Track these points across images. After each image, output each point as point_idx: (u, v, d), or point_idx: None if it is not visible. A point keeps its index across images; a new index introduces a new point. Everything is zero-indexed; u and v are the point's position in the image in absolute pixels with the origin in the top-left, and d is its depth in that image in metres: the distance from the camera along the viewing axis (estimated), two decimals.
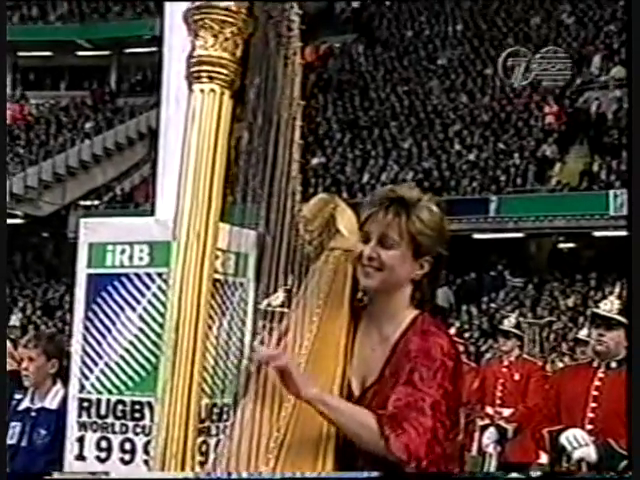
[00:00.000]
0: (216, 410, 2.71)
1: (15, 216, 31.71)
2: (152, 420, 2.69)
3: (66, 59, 37.12)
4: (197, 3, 2.28)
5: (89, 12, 36.97)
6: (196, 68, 2.24)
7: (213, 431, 2.68)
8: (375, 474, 2.45)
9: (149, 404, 3.62)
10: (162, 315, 3.44)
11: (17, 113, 35.08)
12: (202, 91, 2.22)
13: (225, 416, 2.69)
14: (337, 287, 2.73)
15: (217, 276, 3.78)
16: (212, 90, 2.21)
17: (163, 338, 2.17)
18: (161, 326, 3.33)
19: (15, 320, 28.10)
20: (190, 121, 2.21)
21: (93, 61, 36.96)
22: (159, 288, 3.68)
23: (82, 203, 31.87)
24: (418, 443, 2.40)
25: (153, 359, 3.68)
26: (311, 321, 2.66)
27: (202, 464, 2.39)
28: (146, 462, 3.59)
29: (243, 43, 2.29)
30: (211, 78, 2.22)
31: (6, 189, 24.96)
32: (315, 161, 29.40)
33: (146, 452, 3.61)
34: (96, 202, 31.67)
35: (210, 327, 2.43)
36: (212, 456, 2.54)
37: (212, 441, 2.64)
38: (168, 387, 2.10)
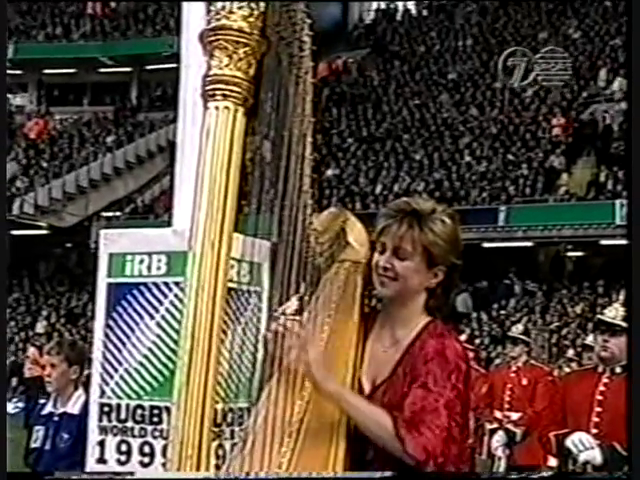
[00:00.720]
0: (231, 414, 2.72)
1: (40, 227, 31.84)
2: (169, 424, 2.71)
3: (89, 76, 37.24)
4: (212, 24, 2.32)
5: (111, 30, 37.14)
6: (211, 87, 2.27)
7: (228, 434, 2.69)
8: (388, 474, 2.47)
9: (167, 409, 3.64)
10: (179, 323, 3.46)
11: (42, 128, 35.25)
12: (217, 108, 2.25)
13: (240, 420, 2.71)
14: (347, 297, 2.75)
15: (232, 285, 3.81)
16: (226, 107, 2.25)
17: (179, 345, 2.19)
18: (178, 333, 3.36)
19: (40, 328, 28.21)
20: (205, 136, 2.24)
21: (115, 77, 37.06)
22: (176, 297, 3.69)
23: (104, 214, 31.93)
24: (435, 443, 2.43)
25: (171, 365, 3.70)
26: (322, 330, 2.68)
27: (218, 467, 2.41)
28: (164, 465, 3.60)
29: (256, 62, 2.32)
30: (225, 96, 2.25)
31: (6, 189, 24.98)
32: (329, 172, 29.45)
33: (164, 455, 3.63)
34: (118, 213, 31.74)
35: (225, 333, 2.46)
36: (228, 458, 2.56)
37: (228, 444, 2.66)
38: (184, 392, 2.13)
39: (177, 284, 3.75)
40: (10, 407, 21.15)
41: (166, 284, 3.86)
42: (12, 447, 5.42)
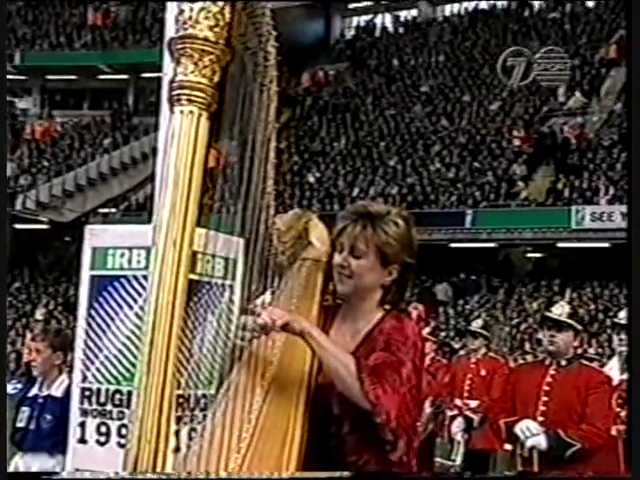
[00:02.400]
0: (193, 400, 2.68)
1: (40, 222, 31.70)
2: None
3: (88, 82, 37.09)
4: (180, 33, 2.27)
5: (110, 40, 36.99)
6: (177, 92, 2.23)
7: (188, 420, 2.65)
8: (347, 474, 2.43)
9: None
10: None
11: (45, 129, 35.10)
12: (182, 112, 2.21)
13: (201, 406, 2.67)
14: (308, 293, 2.72)
15: (206, 278, 3.77)
16: (190, 112, 2.20)
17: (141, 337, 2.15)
18: None
19: (39, 315, 28.06)
20: (170, 139, 2.20)
21: (112, 84, 36.92)
22: None
23: (100, 211, 31.81)
24: (390, 400, 2.40)
25: None
26: None
27: (177, 450, 2.37)
28: (122, 445, 3.56)
29: (221, 70, 2.27)
30: (190, 101, 2.21)
31: (6, 187, 24.83)
32: (311, 176, 29.45)
33: None
34: (113, 210, 31.61)
35: (187, 326, 2.41)
36: (186, 442, 2.52)
37: (185, 428, 2.62)
38: (144, 380, 2.08)
39: None
40: (10, 388, 21.06)
41: (145, 277, 3.82)
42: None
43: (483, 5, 36.01)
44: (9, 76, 36.68)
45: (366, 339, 2.58)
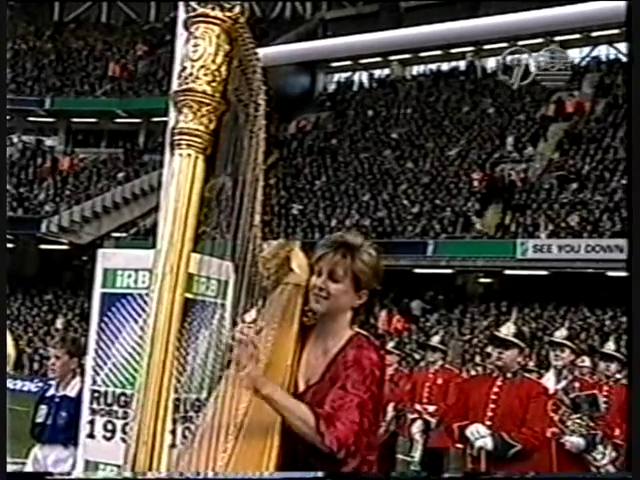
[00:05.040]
0: (188, 403, 2.64)
1: (62, 243, 31.54)
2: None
3: (107, 124, 37.01)
4: (182, 87, 2.26)
5: (126, 89, 37.00)
6: (177, 137, 2.21)
7: (182, 420, 2.61)
8: (320, 474, 2.40)
9: None
10: None
11: (69, 163, 35.02)
12: (181, 155, 2.19)
13: (194, 408, 2.63)
14: (289, 314, 2.68)
15: (200, 297, 3.74)
16: (189, 154, 2.18)
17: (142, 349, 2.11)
18: None
19: (59, 323, 27.85)
20: (170, 177, 2.18)
21: (127, 126, 36.86)
22: None
23: (113, 235, 31.68)
24: (346, 435, 2.37)
25: None
26: (267, 340, 2.61)
27: (173, 446, 2.33)
28: (124, 440, 3.51)
29: (216, 119, 2.25)
30: (189, 145, 2.19)
31: (6, 190, 24.60)
32: (295, 208, 29.45)
33: None
34: (124, 234, 31.47)
35: (183, 338, 2.37)
36: (180, 439, 2.48)
37: (180, 428, 2.57)
38: (143, 388, 2.04)
39: None
40: (33, 386, 20.86)
41: (148, 295, 3.78)
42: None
43: (444, 67, 36.38)
44: (40, 118, 36.79)
45: (332, 362, 2.55)
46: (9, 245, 30.55)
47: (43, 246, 31.87)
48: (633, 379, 2.33)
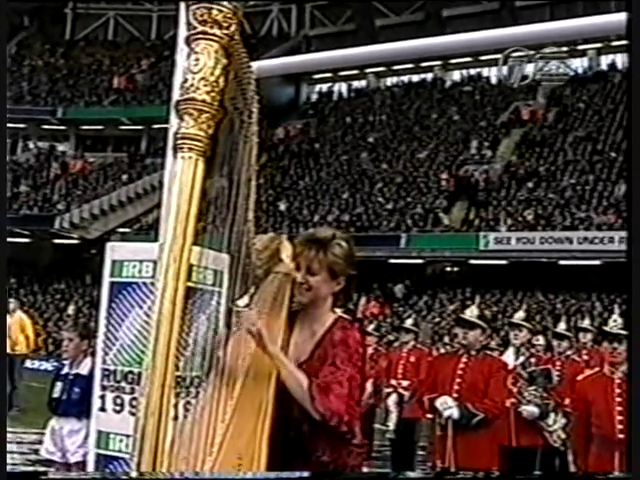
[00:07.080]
0: (188, 379, 2.64)
1: (73, 238, 31.33)
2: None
3: (112, 131, 36.83)
4: (184, 97, 2.24)
5: (130, 99, 36.78)
6: (179, 141, 2.20)
7: (183, 395, 2.61)
8: (306, 474, 2.39)
9: None
10: None
11: (81, 166, 34.80)
12: (183, 157, 2.18)
13: (193, 385, 2.62)
14: (279, 300, 2.68)
15: (199, 286, 3.73)
16: (190, 157, 2.17)
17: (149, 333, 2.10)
18: None
19: (70, 310, 27.68)
20: (173, 179, 2.17)
21: (131, 133, 36.68)
22: None
23: (119, 230, 31.49)
24: (338, 407, 2.38)
25: None
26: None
27: (175, 418, 2.32)
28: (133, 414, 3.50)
29: (215, 125, 2.24)
30: (190, 149, 2.18)
31: (6, 189, 24.44)
32: (282, 206, 29.41)
33: None
34: (128, 230, 31.31)
35: (185, 323, 2.37)
36: (182, 412, 2.47)
37: (182, 402, 2.57)
38: (151, 366, 2.04)
39: None
40: (49, 365, 20.74)
41: (152, 284, 3.77)
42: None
43: (415, 78, 36.43)
44: (53, 126, 36.54)
45: (320, 342, 2.55)
46: (26, 240, 30.39)
47: (56, 241, 31.63)
48: (633, 379, 2.27)
